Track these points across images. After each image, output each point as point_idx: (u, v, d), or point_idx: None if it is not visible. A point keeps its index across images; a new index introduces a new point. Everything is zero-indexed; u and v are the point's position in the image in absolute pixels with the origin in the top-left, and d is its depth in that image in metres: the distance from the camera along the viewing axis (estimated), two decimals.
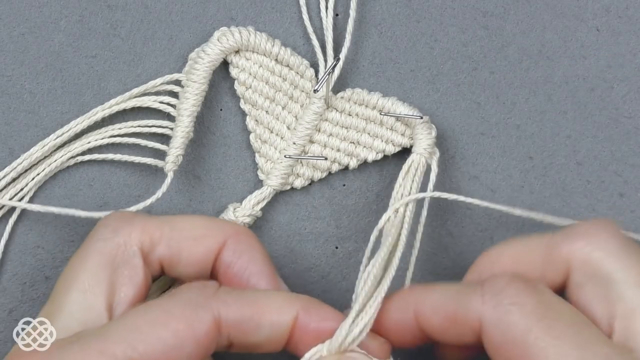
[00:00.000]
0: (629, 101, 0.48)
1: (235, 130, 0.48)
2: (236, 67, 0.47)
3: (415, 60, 0.48)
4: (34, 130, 0.47)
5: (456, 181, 0.48)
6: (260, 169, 0.47)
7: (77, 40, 0.47)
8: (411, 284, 0.42)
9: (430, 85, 0.48)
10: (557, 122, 0.48)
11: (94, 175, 0.48)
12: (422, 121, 0.46)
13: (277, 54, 0.46)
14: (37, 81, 0.47)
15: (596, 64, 0.48)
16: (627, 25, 0.48)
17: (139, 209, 0.46)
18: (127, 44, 0.48)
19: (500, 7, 0.48)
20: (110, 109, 0.47)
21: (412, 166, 0.46)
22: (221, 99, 0.48)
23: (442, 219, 0.48)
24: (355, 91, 0.47)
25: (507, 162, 0.48)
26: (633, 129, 0.48)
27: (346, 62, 0.47)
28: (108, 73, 0.47)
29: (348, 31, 0.47)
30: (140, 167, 0.48)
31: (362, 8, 0.48)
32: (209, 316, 0.38)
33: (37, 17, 0.47)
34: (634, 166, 0.48)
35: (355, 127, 0.47)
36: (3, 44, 0.47)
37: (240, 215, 0.46)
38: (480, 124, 0.48)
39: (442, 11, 0.48)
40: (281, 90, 0.47)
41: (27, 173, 0.47)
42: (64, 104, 0.47)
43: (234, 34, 0.46)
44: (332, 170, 0.48)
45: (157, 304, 0.38)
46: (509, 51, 0.48)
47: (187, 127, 0.46)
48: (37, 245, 0.48)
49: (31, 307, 0.47)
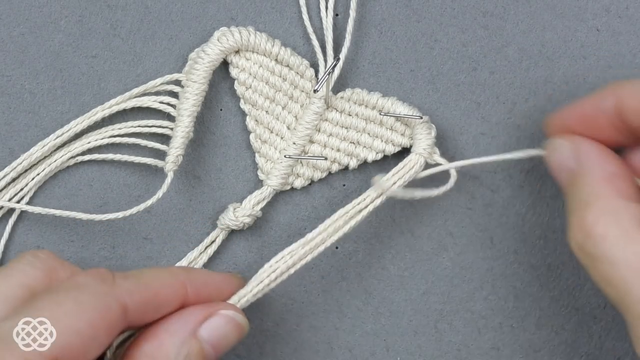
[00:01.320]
0: None
1: (235, 130, 0.48)
2: (236, 67, 0.47)
3: (415, 60, 0.48)
4: (34, 130, 0.47)
5: (456, 181, 0.48)
6: (260, 169, 0.47)
7: (77, 40, 0.47)
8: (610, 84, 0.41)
9: (430, 85, 0.48)
10: None
11: (94, 175, 0.48)
12: (422, 121, 0.46)
13: (277, 54, 0.46)
14: (37, 81, 0.47)
15: (596, 64, 0.48)
16: (627, 25, 0.48)
17: (140, 210, 0.46)
18: (127, 44, 0.48)
19: (500, 7, 0.48)
20: (110, 109, 0.47)
21: (407, 165, 0.46)
22: (221, 99, 0.48)
23: (442, 218, 0.48)
24: (355, 91, 0.47)
25: (507, 162, 0.48)
26: None
27: (346, 62, 0.47)
28: (108, 73, 0.47)
29: (348, 31, 0.47)
30: (140, 167, 0.48)
31: (362, 8, 0.48)
32: (117, 304, 0.39)
33: (37, 17, 0.47)
34: None
35: (355, 127, 0.47)
36: (3, 44, 0.47)
37: (240, 215, 0.46)
38: (480, 124, 0.48)
39: (442, 11, 0.48)
40: (281, 90, 0.47)
41: (27, 173, 0.47)
42: (64, 104, 0.47)
43: (234, 34, 0.46)
44: (332, 170, 0.48)
45: (67, 296, 0.38)
46: (509, 51, 0.48)
47: (187, 127, 0.46)
48: (37, 245, 0.48)
49: None
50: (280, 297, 0.48)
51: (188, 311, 0.41)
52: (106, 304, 0.38)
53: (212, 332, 0.41)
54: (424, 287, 0.48)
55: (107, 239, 0.48)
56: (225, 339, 0.42)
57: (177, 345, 0.40)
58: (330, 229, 0.44)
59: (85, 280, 0.39)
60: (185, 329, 0.41)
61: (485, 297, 0.47)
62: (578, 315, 0.48)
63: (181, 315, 0.41)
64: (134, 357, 0.40)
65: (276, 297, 0.48)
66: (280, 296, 0.48)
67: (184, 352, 0.40)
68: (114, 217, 0.46)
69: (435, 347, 0.48)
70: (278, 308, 0.48)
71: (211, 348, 0.41)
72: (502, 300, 0.48)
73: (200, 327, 0.41)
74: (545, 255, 0.48)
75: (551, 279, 0.48)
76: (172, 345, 0.40)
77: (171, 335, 0.40)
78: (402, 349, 0.48)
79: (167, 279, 0.41)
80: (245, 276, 0.45)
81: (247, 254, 0.48)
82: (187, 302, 0.42)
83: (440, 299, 0.48)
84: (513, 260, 0.48)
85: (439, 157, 0.46)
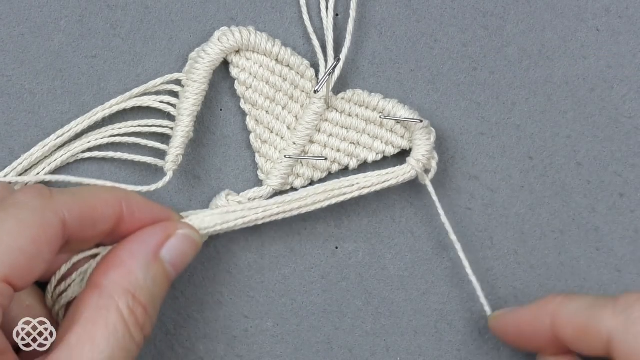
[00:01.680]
0: (629, 101, 0.48)
1: (235, 130, 0.48)
2: (236, 67, 0.47)
3: (415, 60, 0.48)
4: (34, 130, 0.47)
5: (456, 181, 0.48)
6: (260, 169, 0.47)
7: (77, 40, 0.47)
8: (552, 294, 0.44)
9: (430, 86, 0.48)
10: (557, 122, 0.48)
11: (94, 175, 0.47)
12: (422, 126, 0.46)
13: (277, 54, 0.46)
14: (37, 81, 0.47)
15: (596, 64, 0.48)
16: (627, 25, 0.48)
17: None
18: (127, 44, 0.48)
19: (500, 7, 0.48)
20: (110, 109, 0.47)
21: (397, 172, 0.46)
22: (221, 99, 0.48)
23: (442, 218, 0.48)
24: (356, 92, 0.47)
25: (507, 162, 0.48)
26: (633, 129, 0.48)
27: (346, 63, 0.47)
28: (108, 73, 0.47)
29: (348, 31, 0.47)
30: (141, 166, 0.48)
31: (362, 8, 0.48)
32: (57, 219, 0.39)
33: (37, 17, 0.47)
34: (634, 166, 0.48)
35: (356, 128, 0.47)
36: (3, 44, 0.47)
37: (231, 200, 0.46)
38: (480, 124, 0.48)
39: (442, 11, 0.48)
40: (281, 90, 0.47)
41: (27, 173, 0.47)
42: (64, 104, 0.47)
43: (234, 34, 0.46)
44: (332, 171, 0.48)
45: (7, 214, 0.38)
46: (509, 51, 0.48)
47: (187, 126, 0.46)
48: None
49: None
50: (280, 297, 0.48)
51: (147, 233, 0.42)
52: (46, 220, 0.38)
53: (172, 252, 0.42)
54: (424, 287, 0.48)
55: None
56: (184, 258, 0.43)
57: (144, 270, 0.41)
58: (321, 196, 0.45)
59: (24, 198, 0.39)
60: (148, 251, 0.41)
61: (485, 297, 0.47)
62: None
63: (143, 238, 0.42)
64: (102, 286, 0.40)
65: (276, 297, 0.48)
66: (281, 296, 0.48)
67: (151, 275, 0.41)
68: None
69: (435, 347, 0.48)
70: (278, 308, 0.48)
71: (172, 268, 0.42)
72: (501, 300, 0.48)
73: (162, 249, 0.42)
74: (545, 255, 0.48)
75: (551, 279, 0.48)
76: (139, 270, 0.41)
77: (137, 259, 0.41)
78: (402, 349, 0.48)
79: (104, 195, 0.42)
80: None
81: (247, 254, 0.48)
82: (122, 221, 0.42)
83: (440, 299, 0.48)
84: (513, 260, 0.48)
85: (434, 165, 0.46)
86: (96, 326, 0.39)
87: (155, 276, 0.41)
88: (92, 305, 0.39)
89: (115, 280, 0.40)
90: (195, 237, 0.43)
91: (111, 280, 0.40)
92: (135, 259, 0.41)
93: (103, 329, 0.39)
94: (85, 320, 0.39)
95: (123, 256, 0.41)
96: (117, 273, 0.40)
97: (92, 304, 0.39)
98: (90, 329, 0.39)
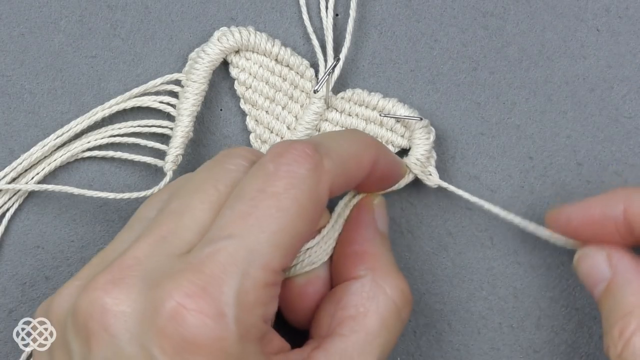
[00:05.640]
0: (629, 101, 0.48)
1: (235, 130, 0.48)
2: (236, 67, 0.47)
3: (415, 60, 0.48)
4: (34, 130, 0.47)
5: (456, 181, 0.48)
6: None
7: (77, 40, 0.47)
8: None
9: (430, 85, 0.48)
10: (557, 122, 0.48)
11: (94, 175, 0.48)
12: (422, 125, 0.46)
13: (277, 54, 0.46)
14: (37, 81, 0.47)
15: (596, 64, 0.48)
16: (627, 25, 0.48)
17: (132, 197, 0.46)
18: (127, 44, 0.48)
19: (500, 7, 0.48)
20: (110, 109, 0.47)
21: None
22: (221, 99, 0.48)
23: (442, 219, 0.48)
24: (356, 92, 0.47)
25: (507, 162, 0.48)
26: (633, 129, 0.48)
27: (346, 62, 0.47)
28: (108, 73, 0.47)
29: (348, 31, 0.47)
30: (141, 167, 0.48)
31: (362, 8, 0.48)
32: (327, 195, 0.38)
33: (37, 17, 0.47)
34: (634, 166, 0.48)
35: (355, 128, 0.47)
36: (3, 44, 0.47)
37: None
38: (480, 124, 0.48)
39: (442, 11, 0.48)
40: (281, 91, 0.47)
41: (27, 173, 0.47)
42: (64, 104, 0.47)
43: (234, 34, 0.46)
44: None
45: (289, 196, 0.37)
46: (509, 51, 0.48)
47: (187, 126, 0.46)
48: (37, 246, 0.48)
49: (31, 307, 0.47)
50: None
51: (363, 212, 0.44)
52: (320, 200, 0.37)
53: (382, 220, 0.44)
54: (424, 287, 0.48)
55: (107, 239, 0.48)
56: (387, 220, 0.45)
57: (386, 249, 0.43)
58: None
59: (300, 171, 0.37)
60: (376, 231, 0.44)
61: (485, 297, 0.47)
62: (578, 315, 0.48)
63: (367, 221, 0.44)
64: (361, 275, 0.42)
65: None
66: None
67: (388, 247, 0.44)
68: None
69: (435, 347, 0.48)
70: (278, 308, 0.48)
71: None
72: (501, 300, 0.48)
73: (377, 223, 0.44)
74: (545, 255, 0.48)
75: (551, 279, 0.48)
76: (383, 253, 0.43)
77: (374, 242, 0.43)
78: (402, 349, 0.48)
79: (365, 158, 0.40)
80: None
81: None
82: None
83: (440, 299, 0.48)
84: (513, 260, 0.48)
85: (433, 168, 0.46)
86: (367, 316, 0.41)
87: (388, 246, 0.44)
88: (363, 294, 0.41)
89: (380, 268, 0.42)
90: (383, 199, 0.45)
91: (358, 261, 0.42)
92: (373, 244, 0.43)
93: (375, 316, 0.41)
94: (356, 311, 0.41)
95: (365, 246, 0.43)
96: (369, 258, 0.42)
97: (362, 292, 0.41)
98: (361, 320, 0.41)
